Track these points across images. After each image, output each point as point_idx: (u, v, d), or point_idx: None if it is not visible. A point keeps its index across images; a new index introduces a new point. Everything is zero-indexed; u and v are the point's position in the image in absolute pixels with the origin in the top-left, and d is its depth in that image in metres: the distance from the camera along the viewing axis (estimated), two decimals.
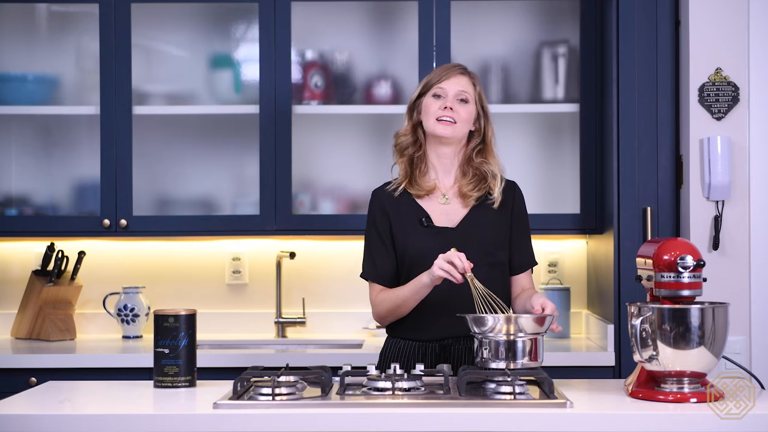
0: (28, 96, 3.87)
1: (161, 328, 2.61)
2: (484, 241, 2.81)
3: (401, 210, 2.85)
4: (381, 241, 2.85)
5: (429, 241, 2.80)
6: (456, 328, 2.74)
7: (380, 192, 2.91)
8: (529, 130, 3.95)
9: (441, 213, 2.84)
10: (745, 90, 3.39)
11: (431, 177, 2.87)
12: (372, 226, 2.88)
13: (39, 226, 3.85)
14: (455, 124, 2.80)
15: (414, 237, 2.82)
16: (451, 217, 2.84)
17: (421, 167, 2.87)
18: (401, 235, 2.84)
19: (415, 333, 2.84)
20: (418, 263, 2.78)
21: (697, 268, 2.44)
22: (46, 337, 3.85)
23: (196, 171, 3.93)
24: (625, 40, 3.48)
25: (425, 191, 2.85)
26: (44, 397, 2.58)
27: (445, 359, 2.81)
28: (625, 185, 3.48)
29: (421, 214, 2.83)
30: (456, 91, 2.81)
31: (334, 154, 3.95)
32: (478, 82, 2.87)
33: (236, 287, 4.04)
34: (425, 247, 2.79)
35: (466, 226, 2.82)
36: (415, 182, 2.85)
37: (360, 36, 3.96)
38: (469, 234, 2.81)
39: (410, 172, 2.86)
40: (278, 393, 2.39)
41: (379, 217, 2.87)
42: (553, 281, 3.95)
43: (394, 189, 2.87)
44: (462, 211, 2.84)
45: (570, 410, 2.31)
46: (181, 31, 3.96)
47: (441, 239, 2.79)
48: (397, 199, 2.86)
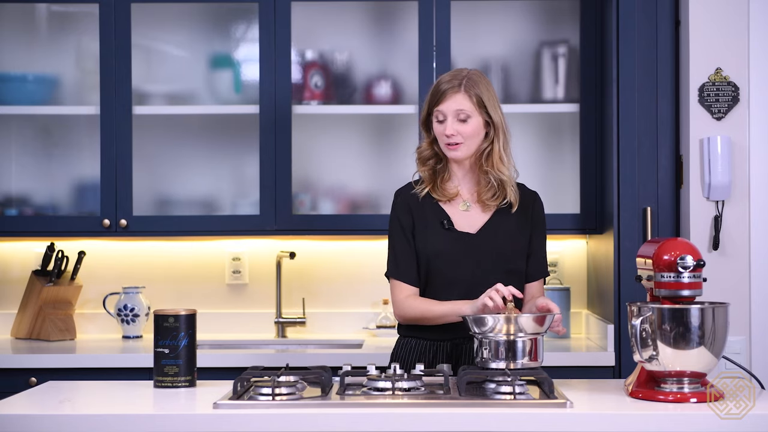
0: (28, 96, 3.87)
1: (161, 328, 2.61)
2: (503, 249, 2.84)
3: (425, 211, 2.87)
4: (406, 240, 2.87)
5: (449, 244, 2.83)
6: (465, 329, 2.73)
7: (405, 192, 2.92)
8: (529, 130, 3.95)
9: (462, 218, 2.87)
10: (745, 90, 3.39)
11: (454, 184, 2.89)
12: (397, 225, 2.89)
13: (39, 226, 3.85)
14: (462, 143, 2.81)
15: (434, 238, 2.84)
16: (472, 223, 2.86)
17: (443, 175, 2.89)
18: (422, 235, 2.86)
19: (428, 332, 2.86)
20: (435, 265, 2.82)
21: (697, 268, 2.44)
22: (46, 337, 3.85)
23: (196, 171, 3.93)
24: (625, 40, 3.48)
25: (448, 197, 2.87)
26: (44, 397, 2.58)
27: (457, 358, 2.83)
28: (625, 185, 3.48)
29: (443, 217, 2.86)
30: (453, 112, 2.80)
31: (334, 154, 3.95)
32: (479, 90, 2.80)
33: (236, 287, 4.04)
34: (444, 250, 2.82)
35: (486, 233, 2.85)
36: (438, 188, 2.88)
37: (360, 36, 3.96)
38: (488, 241, 2.84)
39: (433, 179, 2.89)
40: (278, 393, 2.39)
41: (404, 216, 2.88)
42: (553, 281, 3.95)
43: (418, 191, 2.89)
44: (483, 218, 2.87)
45: (570, 410, 2.31)
46: (181, 31, 3.96)
47: (461, 244, 2.83)
48: (421, 201, 2.88)
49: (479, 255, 2.81)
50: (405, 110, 3.83)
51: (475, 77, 2.82)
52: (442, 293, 2.84)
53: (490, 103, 2.82)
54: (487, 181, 2.85)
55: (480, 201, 2.87)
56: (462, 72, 2.84)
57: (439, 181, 2.88)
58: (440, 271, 2.82)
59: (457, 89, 2.80)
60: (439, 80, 2.85)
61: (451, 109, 2.79)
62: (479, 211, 2.87)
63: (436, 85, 2.84)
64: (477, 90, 2.80)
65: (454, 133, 2.79)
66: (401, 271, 2.87)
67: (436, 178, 2.88)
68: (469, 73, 2.84)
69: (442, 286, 2.84)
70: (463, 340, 2.83)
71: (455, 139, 2.80)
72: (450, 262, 2.81)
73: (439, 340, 2.85)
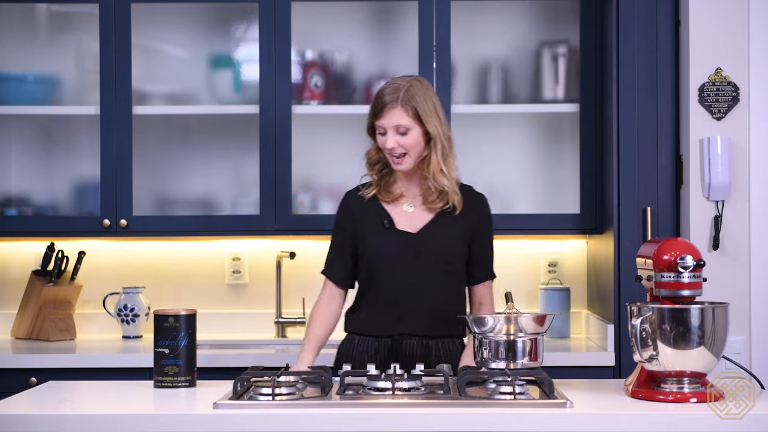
0: (28, 96, 3.87)
1: (161, 328, 2.61)
2: (441, 250, 2.92)
3: (368, 212, 2.96)
4: (342, 244, 2.99)
5: (388, 243, 2.92)
6: (406, 325, 2.89)
7: (351, 195, 3.03)
8: (529, 130, 3.95)
9: (404, 218, 2.94)
10: (745, 90, 3.39)
11: (399, 186, 2.97)
12: (336, 226, 3.02)
13: (39, 226, 3.85)
14: (406, 154, 2.88)
15: (374, 238, 2.92)
16: (414, 223, 2.93)
17: (389, 178, 2.98)
18: (363, 235, 2.94)
19: (372, 329, 2.95)
20: (376, 264, 2.92)
21: (697, 268, 2.44)
22: (46, 337, 3.84)
23: (196, 171, 3.93)
24: (625, 40, 3.48)
25: (393, 198, 2.95)
26: (44, 397, 2.58)
27: (397, 353, 2.90)
28: (625, 185, 3.48)
29: (385, 217, 2.93)
30: (392, 127, 2.86)
31: (334, 154, 3.95)
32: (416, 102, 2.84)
33: (236, 287, 4.04)
34: (383, 250, 2.92)
35: (426, 233, 2.92)
36: (384, 190, 2.96)
37: (360, 36, 3.96)
38: (427, 241, 2.91)
39: (380, 181, 2.97)
40: (278, 393, 2.39)
41: (343, 217, 3.01)
42: (553, 281, 3.95)
43: (365, 194, 2.98)
44: (425, 219, 2.93)
45: (570, 410, 2.31)
46: (181, 31, 3.96)
47: (400, 243, 2.91)
48: (366, 202, 2.96)
49: (418, 255, 2.90)
50: None
51: (414, 89, 2.86)
52: (385, 293, 2.92)
53: (426, 115, 2.86)
54: (428, 185, 2.92)
55: (425, 203, 2.94)
56: (402, 84, 2.88)
57: (385, 183, 2.96)
58: (382, 271, 2.91)
59: (394, 104, 2.85)
60: (380, 92, 2.89)
61: (390, 123, 2.86)
62: (423, 212, 2.94)
63: (376, 97, 2.89)
64: (414, 102, 2.85)
65: (395, 146, 2.86)
66: (328, 271, 3.01)
67: (382, 181, 2.96)
68: (409, 84, 2.87)
69: (385, 287, 2.92)
70: (402, 336, 2.91)
71: (398, 151, 2.87)
72: (390, 261, 2.91)
73: (382, 337, 2.93)
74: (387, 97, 2.85)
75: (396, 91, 2.85)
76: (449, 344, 2.93)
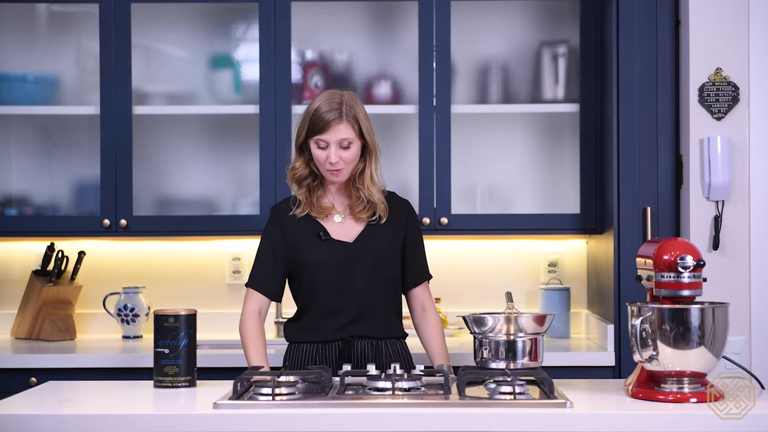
0: (28, 96, 3.87)
1: (161, 328, 2.61)
2: (380, 255, 2.96)
3: (299, 226, 2.97)
4: (274, 257, 2.96)
5: (326, 253, 2.94)
6: (355, 328, 2.92)
7: (281, 209, 3.02)
8: (529, 130, 3.95)
9: (338, 229, 2.97)
10: (745, 90, 3.39)
11: (328, 199, 2.99)
12: (265, 239, 3.00)
13: (39, 226, 3.85)
14: (342, 169, 2.90)
15: (312, 249, 2.94)
16: (348, 233, 2.97)
17: (318, 193, 2.99)
18: (299, 248, 2.95)
19: (317, 335, 2.96)
20: (317, 275, 2.93)
21: (697, 268, 2.44)
22: (46, 337, 3.84)
23: (196, 171, 3.94)
24: (625, 40, 3.48)
25: (324, 212, 2.97)
26: (44, 397, 2.58)
27: (349, 355, 2.92)
28: (625, 185, 3.48)
29: (319, 229, 2.96)
30: (337, 140, 2.88)
31: None
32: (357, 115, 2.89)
33: (236, 287, 4.04)
34: (324, 259, 2.93)
35: (363, 241, 2.96)
36: (315, 206, 2.97)
37: (360, 36, 3.96)
38: (365, 248, 2.95)
39: (309, 198, 2.98)
40: (278, 393, 2.39)
41: (274, 231, 2.99)
42: (553, 281, 3.95)
43: (297, 213, 2.97)
44: (357, 228, 2.98)
45: (570, 410, 2.31)
46: (181, 31, 3.96)
47: (339, 252, 2.94)
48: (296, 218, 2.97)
49: (359, 262, 2.93)
50: (405, 110, 3.82)
51: (351, 101, 2.91)
52: (330, 302, 2.94)
53: (366, 127, 2.92)
54: (358, 196, 2.96)
55: (353, 214, 2.97)
56: (336, 97, 2.90)
57: (315, 199, 2.98)
58: (323, 282, 2.93)
59: (339, 119, 2.87)
60: (318, 108, 2.89)
61: (335, 138, 2.87)
62: (353, 223, 2.98)
63: (315, 113, 2.89)
64: (356, 115, 2.90)
65: (338, 160, 2.88)
66: (255, 280, 2.97)
67: (312, 197, 2.98)
68: (343, 97, 2.90)
69: (329, 295, 2.94)
70: (352, 339, 2.93)
71: (338, 166, 2.89)
72: (331, 270, 2.92)
73: (330, 341, 2.94)
74: (330, 113, 2.87)
75: (338, 105, 2.88)
76: (396, 344, 2.99)
